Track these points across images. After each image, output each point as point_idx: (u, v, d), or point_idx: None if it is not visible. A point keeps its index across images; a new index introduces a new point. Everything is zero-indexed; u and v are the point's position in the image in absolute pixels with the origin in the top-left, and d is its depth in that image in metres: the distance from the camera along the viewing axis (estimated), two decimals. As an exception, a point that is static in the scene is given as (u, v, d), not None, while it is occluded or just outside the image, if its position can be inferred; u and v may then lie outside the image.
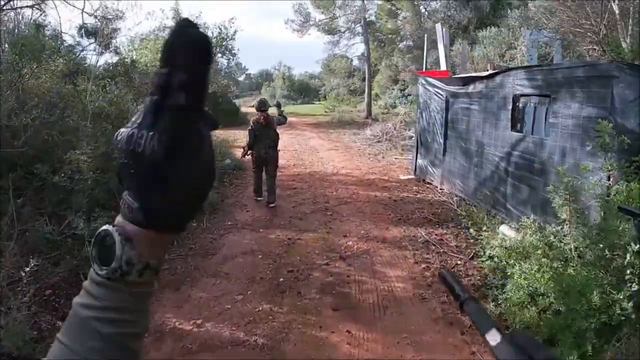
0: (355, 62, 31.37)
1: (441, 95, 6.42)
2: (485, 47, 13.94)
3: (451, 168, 6.24)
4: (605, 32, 4.76)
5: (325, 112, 24.56)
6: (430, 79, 6.85)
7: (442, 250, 4.21)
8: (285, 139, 13.37)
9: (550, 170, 3.98)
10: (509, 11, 10.62)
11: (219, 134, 12.39)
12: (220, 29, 16.66)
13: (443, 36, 6.60)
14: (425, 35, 7.57)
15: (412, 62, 19.84)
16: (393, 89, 24.07)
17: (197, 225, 4.78)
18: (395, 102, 23.03)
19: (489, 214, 5.09)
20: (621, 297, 2.25)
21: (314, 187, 6.76)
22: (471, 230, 4.71)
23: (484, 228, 4.71)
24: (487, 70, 6.31)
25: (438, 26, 6.54)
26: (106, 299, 0.41)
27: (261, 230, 4.76)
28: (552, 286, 2.65)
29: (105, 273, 0.41)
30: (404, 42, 22.37)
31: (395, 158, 9.46)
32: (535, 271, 2.78)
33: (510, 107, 4.69)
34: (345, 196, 6.19)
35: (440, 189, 6.54)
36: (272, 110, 5.91)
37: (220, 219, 5.14)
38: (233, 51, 18.80)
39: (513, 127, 4.70)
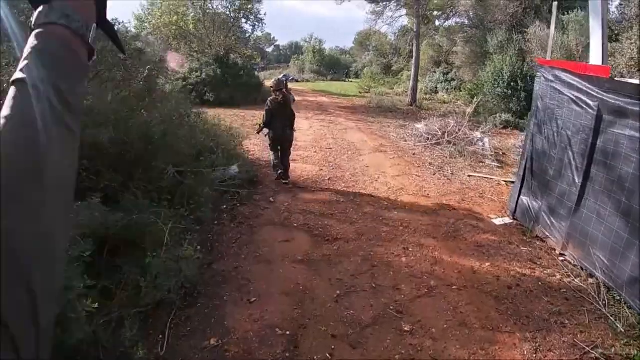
0: (390, 38, 27.79)
1: (588, 106, 3.64)
2: (567, 35, 10.74)
3: (590, 229, 3.55)
4: None
5: (360, 92, 21.58)
6: (565, 75, 4.00)
7: None
8: (316, 129, 10.54)
9: None
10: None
11: (234, 117, 9.78)
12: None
13: (601, 9, 3.71)
14: (555, 3, 4.63)
15: (465, 43, 16.63)
16: (434, 72, 20.88)
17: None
18: (437, 87, 19.88)
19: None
20: None
21: (366, 238, 4.16)
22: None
23: None
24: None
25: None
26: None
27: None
28: None
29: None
30: (453, 20, 19.23)
31: (469, 176, 6.72)
32: None
33: None
34: (423, 270, 3.57)
35: (561, 254, 3.91)
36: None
37: (197, 327, 2.63)
38: (259, 16, 16.05)
39: None
